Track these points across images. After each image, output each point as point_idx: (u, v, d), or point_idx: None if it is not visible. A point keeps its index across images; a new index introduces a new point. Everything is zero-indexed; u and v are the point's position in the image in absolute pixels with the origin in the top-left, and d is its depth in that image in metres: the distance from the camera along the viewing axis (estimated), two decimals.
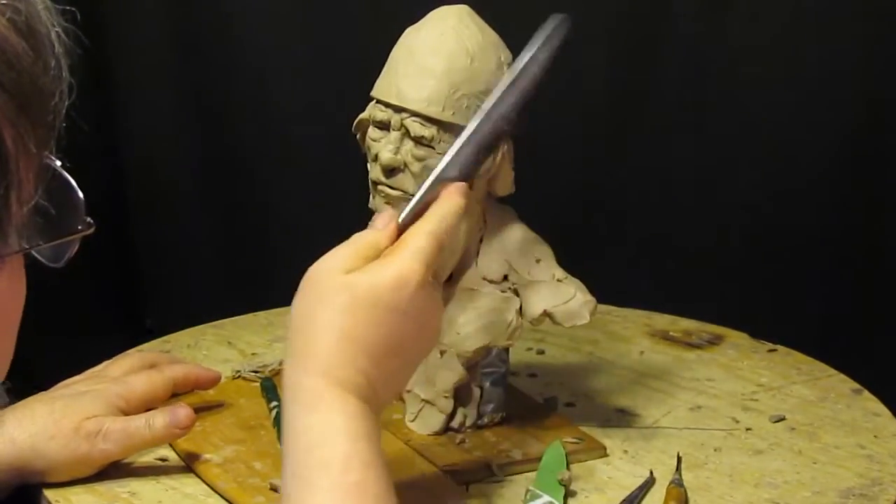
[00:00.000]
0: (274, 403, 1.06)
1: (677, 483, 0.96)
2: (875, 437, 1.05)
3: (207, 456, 0.99)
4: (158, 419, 0.96)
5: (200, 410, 1.04)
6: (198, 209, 1.65)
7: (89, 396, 0.98)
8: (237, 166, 1.63)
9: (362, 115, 0.99)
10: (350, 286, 0.78)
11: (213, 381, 1.08)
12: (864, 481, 0.98)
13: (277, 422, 1.02)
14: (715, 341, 1.25)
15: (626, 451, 1.03)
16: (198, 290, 1.66)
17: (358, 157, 1.00)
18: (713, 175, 1.57)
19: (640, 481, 0.97)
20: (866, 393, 1.14)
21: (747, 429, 1.07)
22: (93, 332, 1.50)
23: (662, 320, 1.29)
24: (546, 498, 0.93)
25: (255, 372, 1.15)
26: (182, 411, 0.97)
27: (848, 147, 1.52)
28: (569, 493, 0.95)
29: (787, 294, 1.57)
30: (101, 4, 1.54)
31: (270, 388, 1.09)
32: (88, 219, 0.60)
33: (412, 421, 1.03)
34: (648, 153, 1.58)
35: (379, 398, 0.78)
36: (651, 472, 0.98)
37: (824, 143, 1.52)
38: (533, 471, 0.98)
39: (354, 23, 1.55)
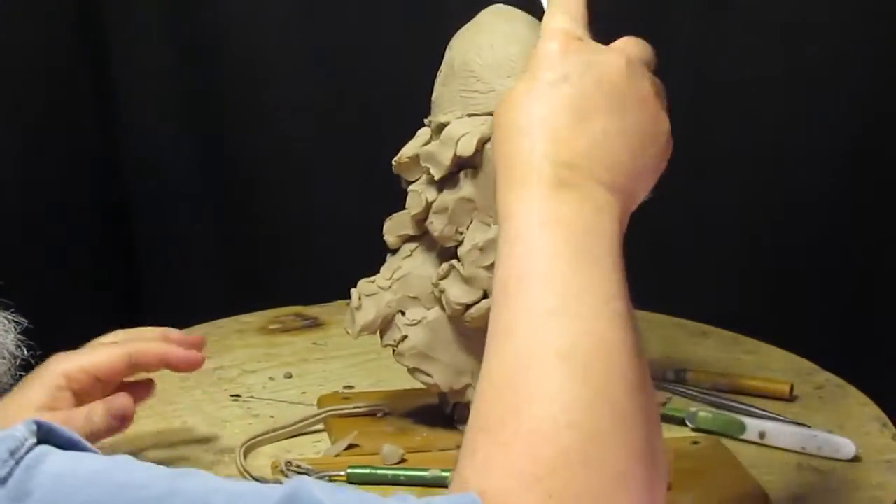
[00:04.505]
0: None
1: None
2: None
3: None
4: (98, 410, 0.89)
5: None
6: (197, 209, 1.65)
7: (27, 386, 0.91)
8: (237, 166, 1.63)
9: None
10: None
11: (191, 362, 0.95)
12: None
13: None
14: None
15: None
16: (198, 290, 1.66)
17: (357, 157, 1.00)
18: (712, 175, 1.57)
19: None
20: None
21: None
22: (92, 332, 1.50)
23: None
24: None
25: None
26: (118, 401, 0.89)
27: (848, 146, 1.52)
28: None
29: (786, 294, 1.57)
30: (101, 5, 1.54)
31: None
32: None
33: None
34: None
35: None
36: None
37: (824, 143, 1.52)
38: None
39: (354, 24, 1.55)
